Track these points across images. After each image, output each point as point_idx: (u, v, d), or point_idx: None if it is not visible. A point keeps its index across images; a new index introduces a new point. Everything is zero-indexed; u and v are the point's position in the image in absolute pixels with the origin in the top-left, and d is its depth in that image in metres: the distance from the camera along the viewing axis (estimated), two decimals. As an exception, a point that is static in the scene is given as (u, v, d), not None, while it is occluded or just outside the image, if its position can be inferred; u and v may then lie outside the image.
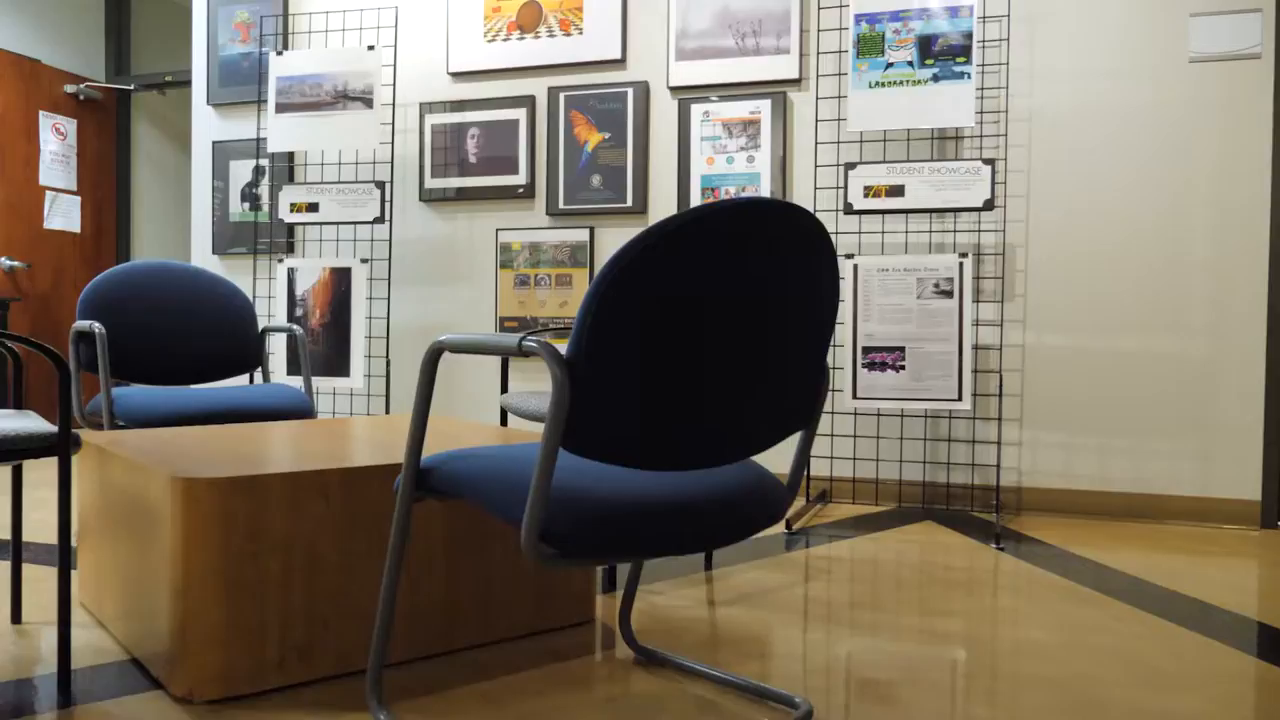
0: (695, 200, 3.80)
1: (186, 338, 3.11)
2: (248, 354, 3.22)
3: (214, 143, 4.50)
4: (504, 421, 2.92)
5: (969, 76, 3.22)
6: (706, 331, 1.32)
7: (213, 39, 4.49)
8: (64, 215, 5.74)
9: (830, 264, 1.49)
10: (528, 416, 2.67)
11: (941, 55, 3.25)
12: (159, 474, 1.70)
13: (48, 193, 5.62)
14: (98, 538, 2.08)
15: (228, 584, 1.66)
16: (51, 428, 1.73)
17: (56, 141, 5.67)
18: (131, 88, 6.01)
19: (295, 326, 3.09)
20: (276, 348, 4.06)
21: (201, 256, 4.54)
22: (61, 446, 1.72)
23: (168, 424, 2.60)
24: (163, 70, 6.16)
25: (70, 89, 5.74)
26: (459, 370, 4.14)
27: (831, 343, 3.60)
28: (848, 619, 2.21)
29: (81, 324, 2.80)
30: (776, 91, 3.71)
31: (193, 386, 3.71)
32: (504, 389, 2.96)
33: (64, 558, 1.69)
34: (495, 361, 4.10)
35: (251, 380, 3.40)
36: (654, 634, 2.07)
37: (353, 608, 1.80)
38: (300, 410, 2.84)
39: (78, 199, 5.82)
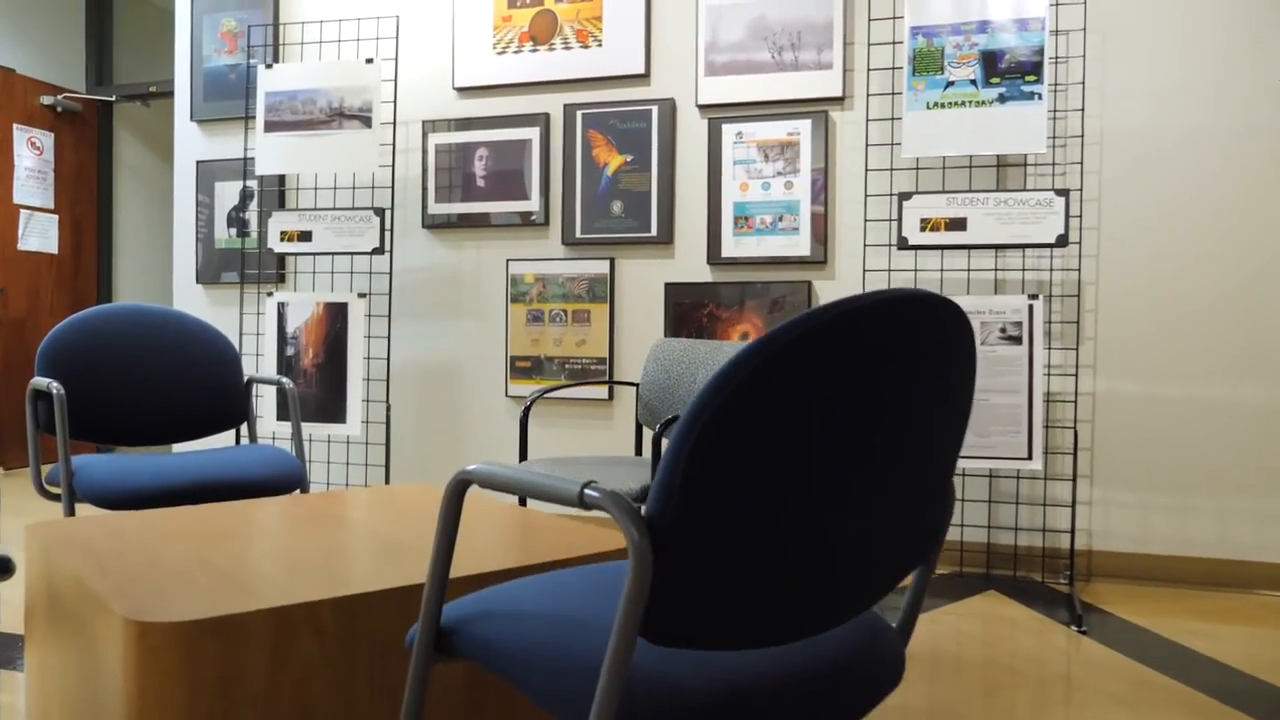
0: (727, 230, 3.45)
1: (162, 392, 2.75)
2: (232, 408, 2.86)
3: (198, 162, 4.14)
4: (523, 504, 2.56)
5: (1040, 97, 2.88)
6: (835, 465, 0.98)
7: (197, 49, 4.14)
8: (40, 235, 5.38)
9: (972, 367, 1.15)
10: (552, 492, 2.32)
11: (1009, 73, 2.91)
12: (109, 610, 1.35)
13: (22, 211, 5.25)
14: (45, 637, 1.73)
15: (194, 752, 1.31)
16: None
17: (32, 156, 5.32)
18: (113, 99, 5.65)
19: (284, 379, 2.73)
20: (265, 390, 3.69)
21: (185, 287, 4.18)
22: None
23: (135, 503, 2.25)
24: (147, 80, 5.80)
25: (47, 100, 5.38)
26: (467, 410, 3.78)
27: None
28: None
29: (39, 382, 2.44)
30: (817, 111, 3.37)
31: (174, 449, 3.32)
32: (523, 451, 2.61)
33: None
34: (508, 409, 3.74)
35: (238, 437, 3.05)
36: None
37: (351, 774, 1.45)
38: (290, 480, 2.49)
39: (55, 218, 5.46)
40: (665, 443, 3.29)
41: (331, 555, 1.67)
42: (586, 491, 0.95)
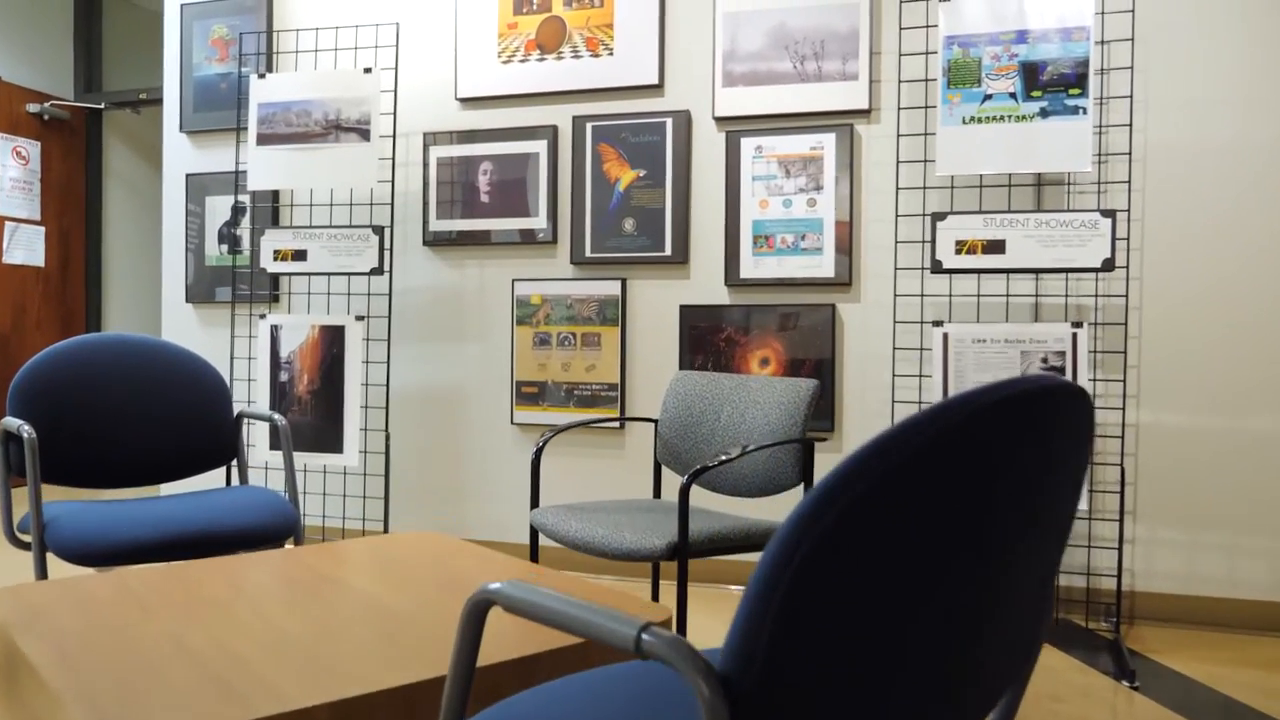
0: (746, 249, 3.27)
1: (146, 430, 2.56)
2: (221, 445, 2.67)
3: (188, 175, 3.95)
4: (534, 550, 2.37)
5: (1085, 112, 2.70)
6: (943, 597, 0.80)
7: (186, 57, 3.95)
8: (25, 248, 5.18)
9: (1087, 459, 0.98)
10: (569, 545, 2.13)
11: (1051, 86, 2.73)
12: (66, 728, 1.16)
13: (7, 223, 5.06)
14: (5, 704, 1.54)
15: None
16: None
17: (17, 166, 5.12)
18: (102, 106, 5.46)
19: (276, 415, 2.54)
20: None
21: (174, 306, 3.99)
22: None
23: (112, 559, 2.06)
24: (138, 87, 5.61)
25: (33, 108, 5.19)
26: (471, 438, 3.60)
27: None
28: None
29: (10, 423, 2.25)
30: (842, 124, 3.18)
31: (162, 491, 3.09)
32: (534, 496, 2.42)
33: None
34: (514, 437, 3.55)
35: (229, 476, 2.87)
36: None
37: None
38: (282, 528, 2.30)
39: (41, 229, 5.26)
40: (693, 491, 3.07)
41: (327, 638, 1.48)
42: (644, 638, 0.77)
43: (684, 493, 1.97)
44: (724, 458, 2.02)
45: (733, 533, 2.10)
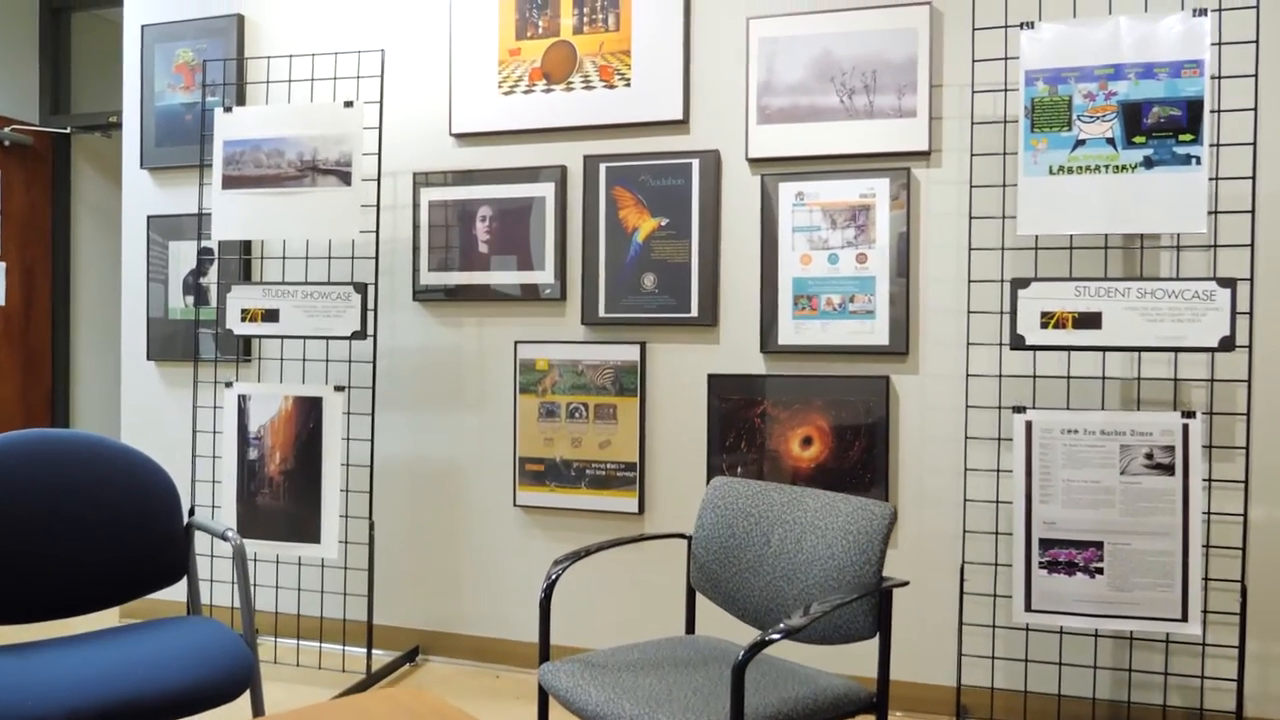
0: (785, 311, 2.83)
1: (75, 549, 2.13)
2: (169, 559, 2.24)
3: (149, 217, 3.51)
4: (543, 714, 1.92)
5: (1198, 161, 2.26)
6: None
7: (148, 84, 3.51)
8: (-16, 286, 4.75)
9: None
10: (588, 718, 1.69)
11: (1157, 131, 2.29)
12: None
13: (-38, 261, 4.63)
14: None
15: None
16: None
17: (-25, 198, 4.69)
18: (68, 130, 5.03)
19: (230, 531, 2.11)
20: (221, 496, 3.05)
21: (134, 364, 3.55)
22: None
23: (8, 748, 1.62)
24: (110, 109, 5.18)
25: (-8, 134, 4.76)
26: (467, 523, 3.15)
27: (994, 530, 2.63)
28: None
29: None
30: (897, 167, 2.75)
31: (98, 625, 2.53)
32: (544, 646, 1.97)
33: None
34: (517, 521, 3.11)
35: (194, 606, 2.43)
36: None
37: None
38: (233, 682, 1.86)
39: (2, 265, 4.83)
40: (736, 627, 2.50)
41: None
42: None
43: (738, 674, 1.53)
44: (786, 626, 1.58)
45: (796, 712, 1.66)
